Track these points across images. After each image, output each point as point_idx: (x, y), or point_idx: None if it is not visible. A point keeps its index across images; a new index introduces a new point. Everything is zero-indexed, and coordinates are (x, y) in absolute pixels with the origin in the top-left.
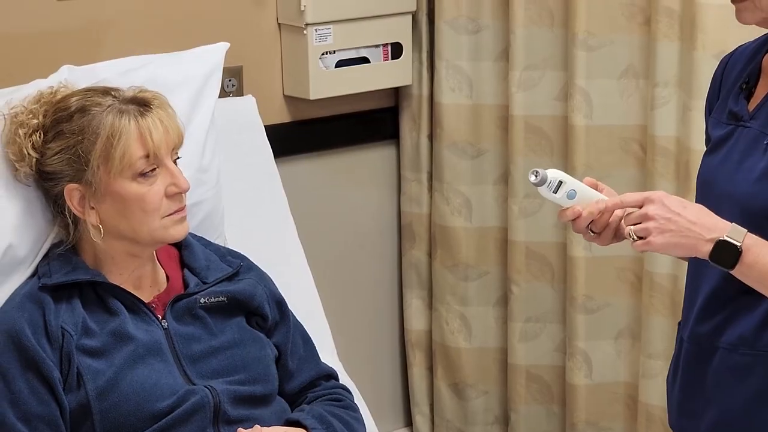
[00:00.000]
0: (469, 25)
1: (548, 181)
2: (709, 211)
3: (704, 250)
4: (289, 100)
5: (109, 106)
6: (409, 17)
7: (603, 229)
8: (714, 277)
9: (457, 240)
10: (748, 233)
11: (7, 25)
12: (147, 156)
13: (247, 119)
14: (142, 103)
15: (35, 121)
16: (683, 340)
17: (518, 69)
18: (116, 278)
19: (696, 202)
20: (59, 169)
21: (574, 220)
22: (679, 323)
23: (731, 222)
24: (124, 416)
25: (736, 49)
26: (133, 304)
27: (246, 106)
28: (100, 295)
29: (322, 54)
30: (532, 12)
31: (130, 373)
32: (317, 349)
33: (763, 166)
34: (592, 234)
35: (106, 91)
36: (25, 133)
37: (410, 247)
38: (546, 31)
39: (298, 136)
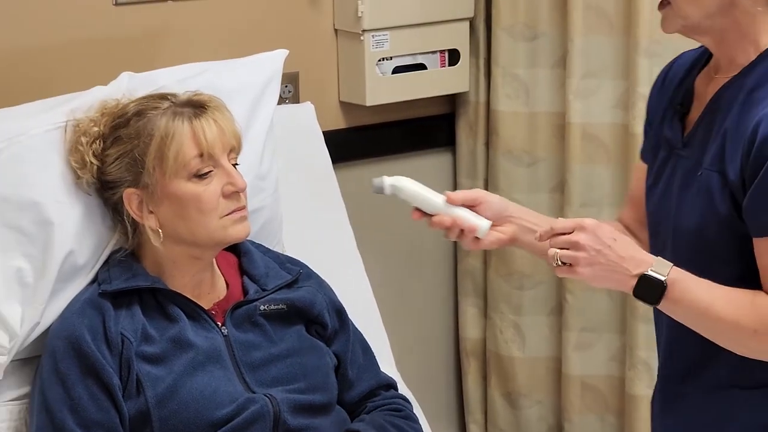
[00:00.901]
0: (526, 32)
1: (384, 189)
2: (637, 246)
3: (629, 285)
4: (345, 106)
5: (164, 109)
6: (467, 24)
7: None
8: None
9: (512, 249)
10: (674, 267)
11: (65, 30)
12: (201, 155)
13: (306, 126)
14: (197, 105)
15: (96, 129)
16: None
17: (576, 77)
18: (176, 283)
19: (651, 238)
20: (119, 176)
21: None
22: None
23: (682, 256)
24: (184, 424)
25: (675, 61)
26: (193, 311)
27: (304, 113)
28: (159, 301)
29: (379, 60)
30: (590, 19)
31: (190, 380)
32: (375, 358)
33: (703, 202)
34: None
35: (162, 96)
36: (87, 141)
37: (466, 255)
38: (604, 38)
39: (353, 143)
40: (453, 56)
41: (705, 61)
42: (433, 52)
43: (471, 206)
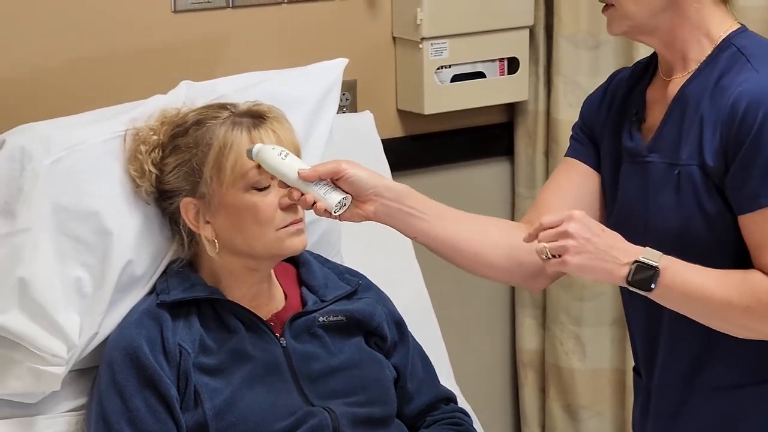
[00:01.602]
0: (589, 41)
1: (252, 156)
2: (622, 238)
3: (620, 274)
4: (403, 114)
5: (224, 118)
6: (526, 32)
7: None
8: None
9: None
10: (664, 255)
11: (124, 39)
12: (259, 166)
13: (365, 135)
14: (256, 116)
15: (155, 137)
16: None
17: None
18: (234, 294)
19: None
20: (177, 185)
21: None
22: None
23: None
24: None
25: (612, 77)
26: (252, 322)
27: (363, 121)
28: (218, 312)
29: (438, 68)
30: None
31: (249, 392)
32: (435, 370)
33: (684, 199)
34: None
35: (222, 106)
36: (146, 150)
37: None
38: None
39: (411, 152)
40: (512, 64)
41: (652, 71)
42: (493, 61)
43: (334, 180)
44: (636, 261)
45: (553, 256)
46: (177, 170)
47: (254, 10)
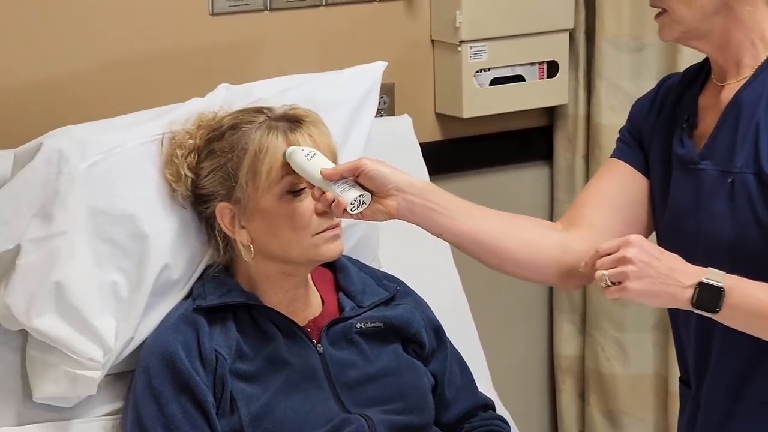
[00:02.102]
0: (632, 44)
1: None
2: (682, 259)
3: (684, 297)
4: (441, 118)
5: (260, 123)
6: (566, 35)
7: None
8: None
9: None
10: (726, 274)
11: (162, 41)
12: (295, 171)
13: (403, 139)
14: (292, 120)
15: (191, 141)
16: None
17: None
18: (270, 299)
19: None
20: (212, 190)
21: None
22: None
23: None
24: None
25: (662, 83)
26: (288, 328)
27: (402, 125)
28: (254, 318)
29: (477, 72)
30: None
31: (285, 399)
32: (473, 377)
33: (738, 208)
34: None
35: (258, 110)
36: (182, 154)
37: None
38: None
39: (449, 155)
40: (552, 68)
41: (704, 77)
42: (532, 64)
43: (355, 176)
44: (699, 282)
45: (613, 283)
46: (212, 175)
47: (292, 13)
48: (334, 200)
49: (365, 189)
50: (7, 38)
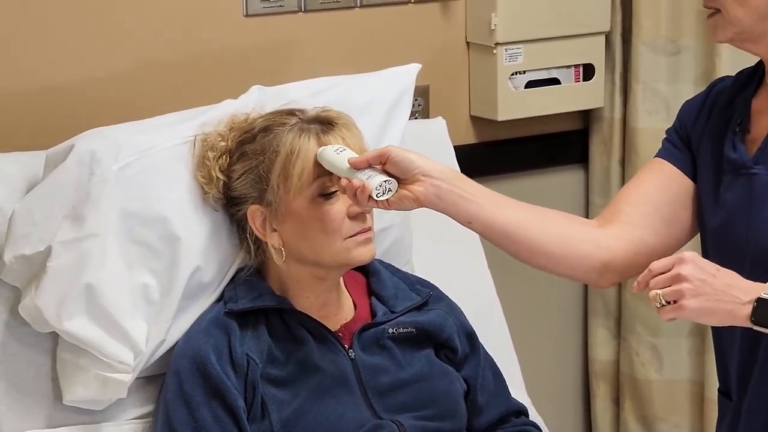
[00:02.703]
0: (669, 46)
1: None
2: (739, 275)
3: (743, 314)
4: (476, 120)
5: (291, 125)
6: (602, 38)
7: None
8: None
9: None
10: None
11: (195, 43)
12: (327, 174)
13: (437, 142)
14: (325, 122)
15: (223, 143)
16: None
17: None
18: (302, 303)
19: (707, 254)
20: (244, 192)
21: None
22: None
23: (763, 276)
24: None
25: (713, 85)
26: (320, 333)
27: (436, 128)
28: (286, 322)
29: (512, 74)
30: None
31: (316, 405)
32: (506, 382)
33: None
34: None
35: (290, 112)
36: (214, 156)
37: None
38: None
39: (484, 158)
40: (588, 71)
41: (758, 81)
42: (568, 67)
43: (382, 165)
44: (758, 298)
45: (668, 302)
46: (244, 177)
47: (326, 14)
48: (359, 188)
49: (392, 176)
50: (42, 39)
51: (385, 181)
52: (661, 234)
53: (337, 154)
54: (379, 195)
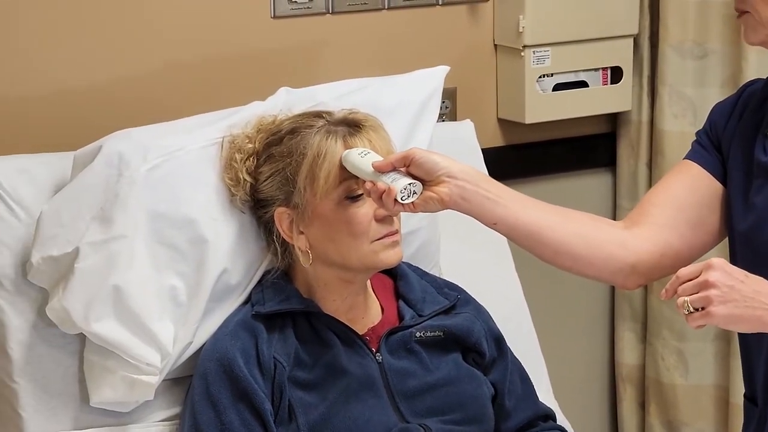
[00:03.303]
0: (696, 50)
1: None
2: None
3: None
4: (503, 123)
5: (318, 127)
6: (630, 40)
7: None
8: None
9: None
10: None
11: (223, 44)
12: (354, 176)
13: (465, 144)
14: (352, 124)
15: (250, 145)
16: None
17: None
18: (329, 306)
19: (735, 258)
20: (271, 194)
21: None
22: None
23: None
24: None
25: (745, 87)
26: (347, 336)
27: (464, 130)
28: (313, 325)
29: (540, 77)
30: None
31: (343, 408)
32: (533, 386)
33: None
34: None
35: (318, 114)
36: (241, 158)
37: None
38: None
39: (511, 161)
40: (615, 74)
41: None
42: (596, 70)
43: (407, 167)
44: None
45: (696, 309)
46: (271, 179)
47: (354, 16)
48: (384, 191)
49: (416, 179)
50: (70, 41)
51: (409, 184)
52: (687, 236)
53: (361, 158)
54: (404, 198)
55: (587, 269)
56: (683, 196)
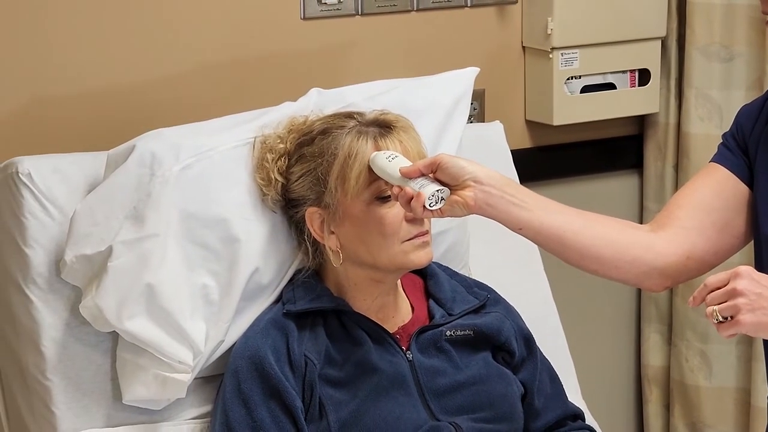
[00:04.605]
0: (722, 53)
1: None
2: None
3: None
4: (531, 125)
5: (350, 128)
6: (658, 43)
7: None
8: None
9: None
10: None
11: (254, 45)
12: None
13: (495, 146)
14: (383, 125)
15: (282, 145)
16: None
17: None
18: (360, 305)
19: (761, 261)
20: (302, 194)
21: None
22: None
23: None
24: None
25: None
26: (378, 335)
27: (493, 132)
28: (344, 323)
29: (568, 79)
30: None
31: (374, 405)
32: (563, 386)
33: None
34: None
35: (349, 115)
36: (272, 158)
37: None
38: None
39: (539, 163)
40: (643, 76)
41: None
42: (623, 72)
43: (433, 171)
44: None
45: (725, 319)
46: (302, 179)
47: (383, 18)
48: (412, 197)
49: (444, 184)
50: (103, 42)
51: (438, 191)
52: (713, 239)
53: (389, 162)
54: (432, 204)
55: (613, 272)
56: (709, 199)
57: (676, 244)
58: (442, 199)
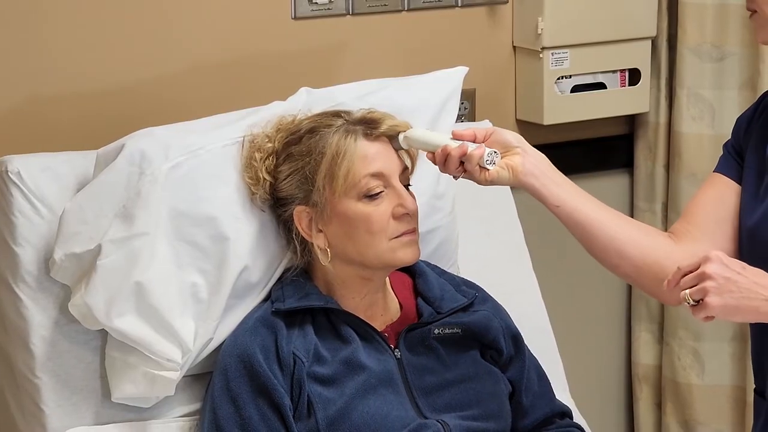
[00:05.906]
0: (714, 52)
1: (402, 145)
2: (767, 273)
3: None
4: (522, 124)
5: (337, 126)
6: (648, 43)
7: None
8: None
9: None
10: None
11: (244, 45)
12: (372, 175)
13: None
14: (370, 123)
15: (270, 145)
16: None
17: None
18: (348, 303)
19: (742, 254)
20: (290, 193)
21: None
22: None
23: None
24: None
25: None
26: (366, 333)
27: None
28: (332, 322)
29: (558, 78)
30: None
31: (362, 403)
32: (550, 384)
33: None
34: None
35: (336, 113)
36: (261, 158)
37: None
38: None
39: None
40: (634, 76)
41: None
42: (614, 72)
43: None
44: None
45: (696, 302)
46: (290, 178)
47: (374, 18)
48: (460, 156)
49: None
50: (93, 41)
51: (494, 152)
52: (727, 250)
53: (430, 132)
54: (487, 161)
55: (630, 270)
56: (715, 210)
57: (694, 257)
58: (494, 162)
